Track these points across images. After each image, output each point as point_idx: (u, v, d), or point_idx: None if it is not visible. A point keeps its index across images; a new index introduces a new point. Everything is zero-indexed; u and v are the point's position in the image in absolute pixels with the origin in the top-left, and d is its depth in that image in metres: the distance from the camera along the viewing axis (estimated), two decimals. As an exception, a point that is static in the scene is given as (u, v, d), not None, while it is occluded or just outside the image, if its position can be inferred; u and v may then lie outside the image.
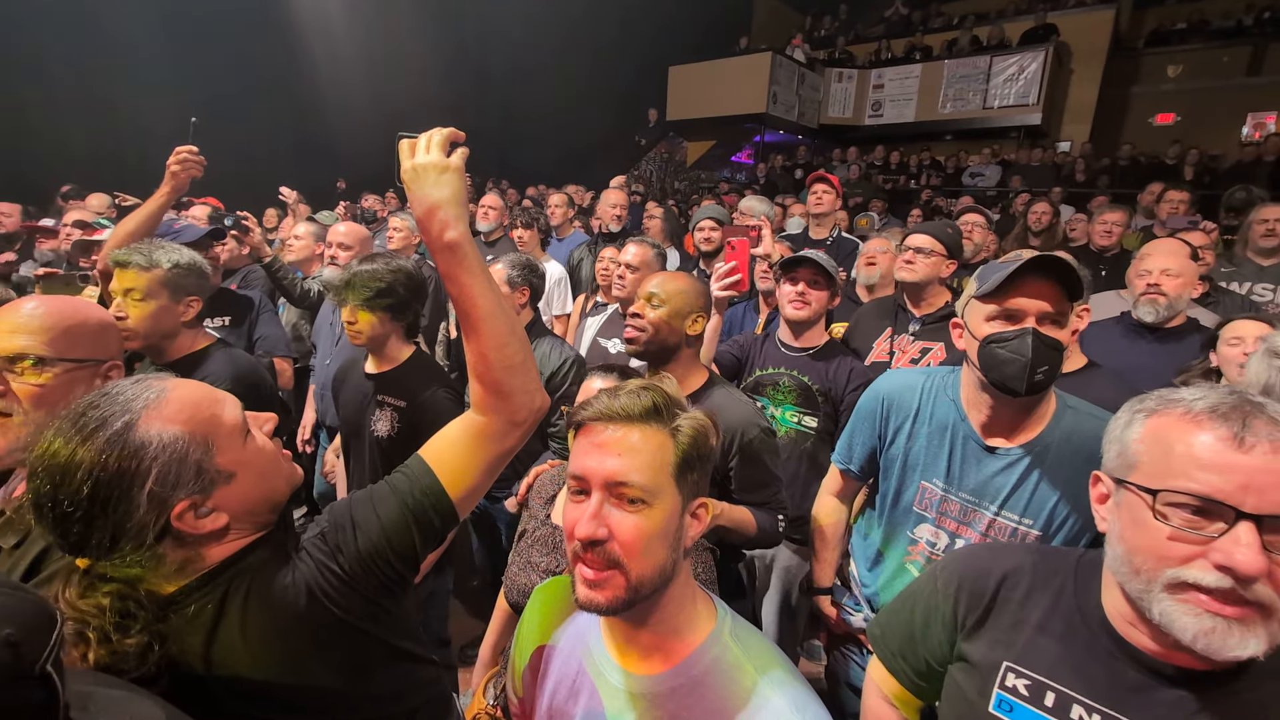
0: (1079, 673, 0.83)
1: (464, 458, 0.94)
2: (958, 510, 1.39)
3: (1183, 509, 0.72)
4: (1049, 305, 1.24)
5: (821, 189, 3.59)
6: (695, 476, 0.81)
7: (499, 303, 0.92)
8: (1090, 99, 11.19)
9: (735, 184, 10.96)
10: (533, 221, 3.69)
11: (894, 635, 1.05)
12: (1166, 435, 0.76)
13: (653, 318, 1.67)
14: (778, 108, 11.79)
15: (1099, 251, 3.74)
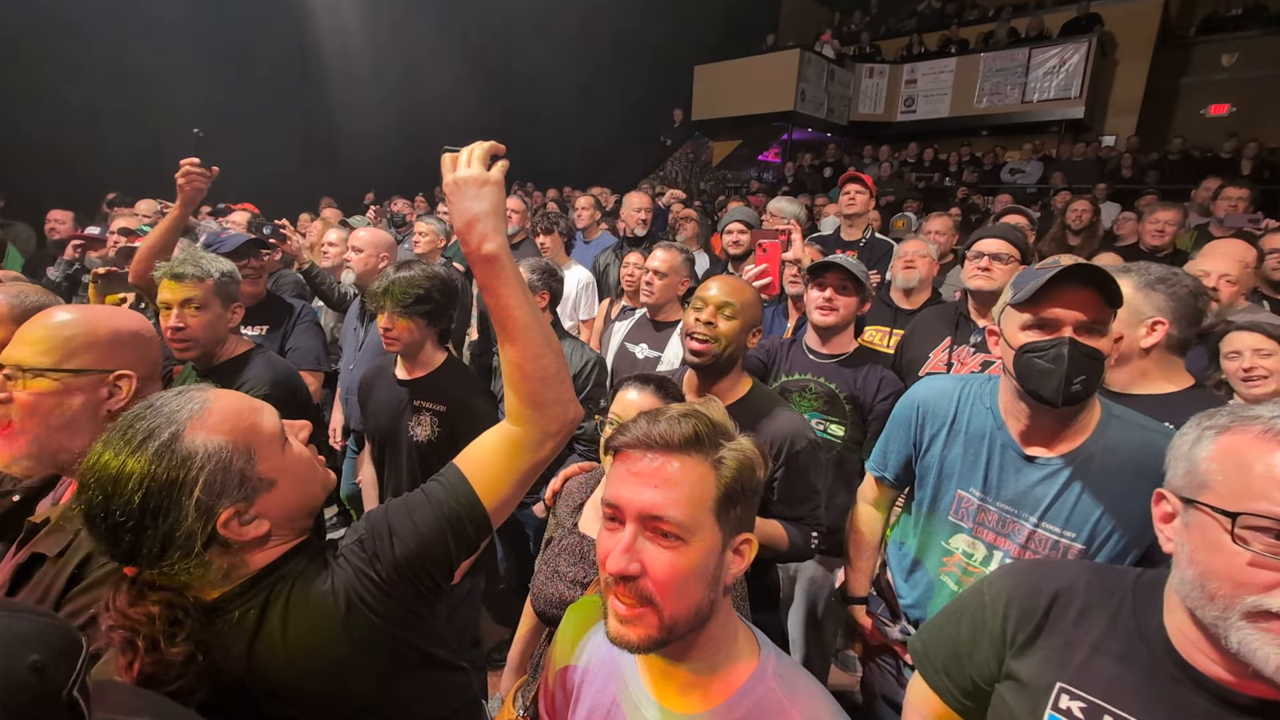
0: (1139, 697, 0.81)
1: (499, 467, 0.96)
2: (995, 521, 1.37)
3: (1265, 533, 0.69)
4: (1086, 314, 1.21)
5: (855, 189, 3.56)
6: (739, 511, 0.78)
7: (535, 314, 0.95)
8: (1137, 91, 10.84)
9: (763, 184, 10.90)
10: (553, 226, 3.68)
11: (938, 652, 1.03)
12: (1244, 454, 0.73)
13: (726, 329, 1.66)
14: (806, 105, 11.69)
15: (1150, 251, 3.62)
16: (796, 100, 11.48)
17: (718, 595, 0.77)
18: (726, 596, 0.81)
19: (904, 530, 1.59)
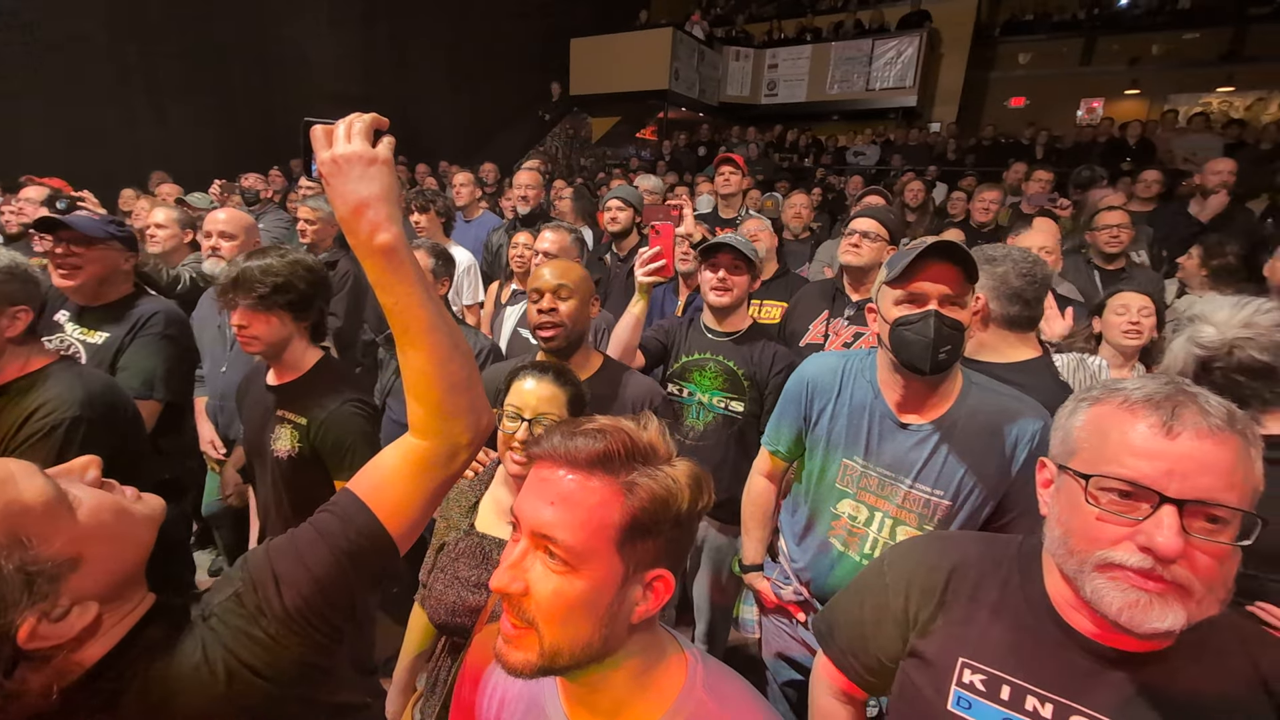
0: (1030, 662, 0.83)
1: (404, 489, 0.80)
2: (876, 484, 1.42)
3: (1113, 493, 0.73)
4: (949, 288, 1.27)
5: (728, 170, 3.59)
6: (651, 545, 0.67)
7: (441, 312, 0.79)
8: (957, 83, 11.91)
9: (642, 161, 10.84)
10: (429, 204, 3.31)
11: (843, 633, 1.03)
12: (1104, 423, 0.77)
13: (567, 310, 1.66)
14: (680, 85, 11.70)
15: (978, 227, 3.98)
16: (670, 79, 11.44)
17: (614, 633, 0.68)
18: (645, 633, 0.72)
19: (795, 499, 1.62)
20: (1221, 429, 0.70)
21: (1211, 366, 1.28)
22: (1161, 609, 0.69)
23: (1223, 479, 0.69)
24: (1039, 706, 0.80)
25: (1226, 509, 0.68)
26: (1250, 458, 0.71)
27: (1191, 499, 0.68)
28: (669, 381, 2.14)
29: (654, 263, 1.89)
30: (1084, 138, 8.28)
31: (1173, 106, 9.50)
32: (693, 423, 2.07)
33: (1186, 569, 0.69)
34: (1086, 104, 11.54)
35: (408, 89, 9.49)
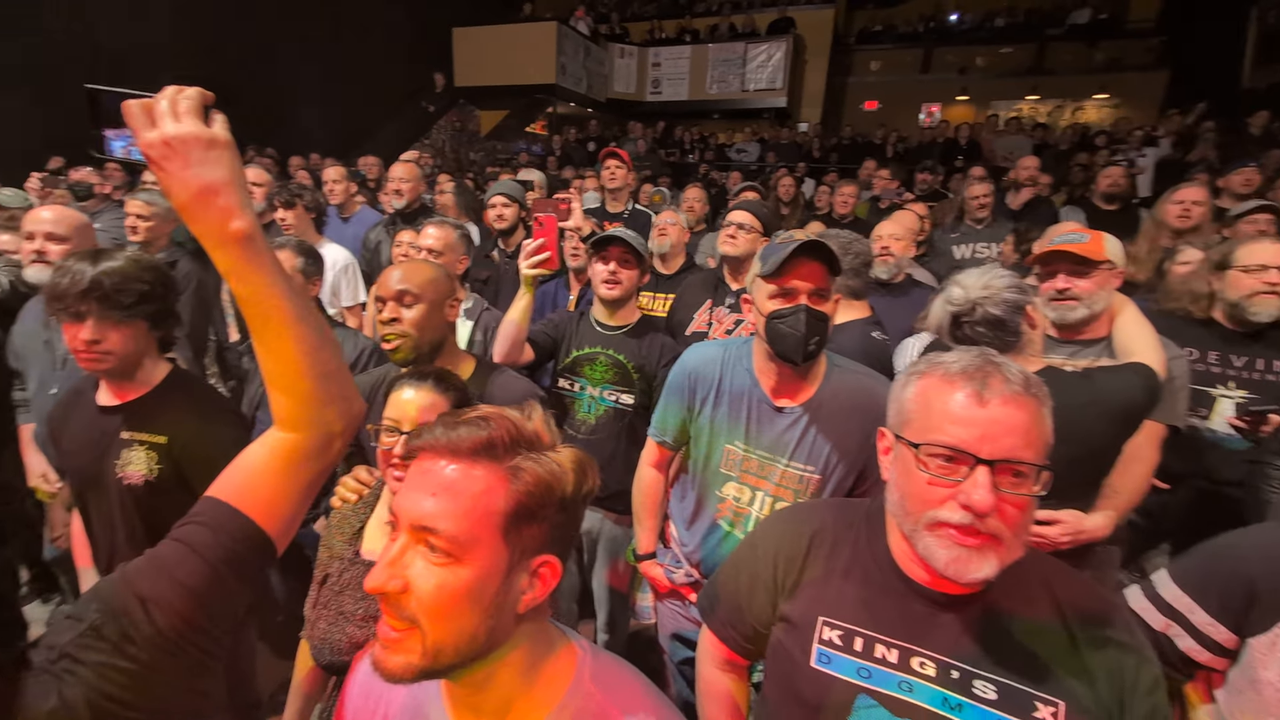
0: (878, 613, 0.87)
1: (276, 486, 0.73)
2: (756, 466, 1.47)
3: (938, 458, 0.78)
4: (816, 283, 1.33)
5: (614, 164, 3.57)
6: (537, 530, 0.65)
7: (305, 303, 0.73)
8: (820, 86, 12.65)
9: (532, 156, 10.58)
10: (295, 199, 2.97)
11: (722, 606, 1.05)
12: (929, 394, 0.82)
13: (413, 318, 1.49)
14: (567, 79, 11.51)
15: (839, 219, 4.25)
16: (558, 74, 11.23)
17: (501, 624, 0.65)
18: (533, 623, 0.70)
19: (683, 486, 1.64)
20: (1020, 394, 0.77)
21: (961, 321, 1.44)
22: (979, 560, 0.76)
23: (1023, 438, 0.76)
24: (886, 653, 0.85)
25: (1027, 464, 0.76)
26: (1043, 416, 0.79)
27: (1000, 458, 0.75)
28: (560, 376, 2.09)
29: (538, 255, 1.83)
30: (926, 138, 9.08)
31: (994, 112, 10.66)
32: (584, 417, 2.04)
33: (998, 520, 0.75)
34: (927, 108, 12.69)
35: (278, 78, 8.58)
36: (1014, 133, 8.47)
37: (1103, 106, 11.65)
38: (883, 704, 0.83)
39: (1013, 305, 1.42)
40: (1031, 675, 0.79)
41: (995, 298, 1.42)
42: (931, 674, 0.82)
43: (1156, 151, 6.85)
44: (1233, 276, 1.92)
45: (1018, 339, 1.44)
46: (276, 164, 6.67)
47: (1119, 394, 1.42)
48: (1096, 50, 11.80)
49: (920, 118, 12.43)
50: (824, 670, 0.87)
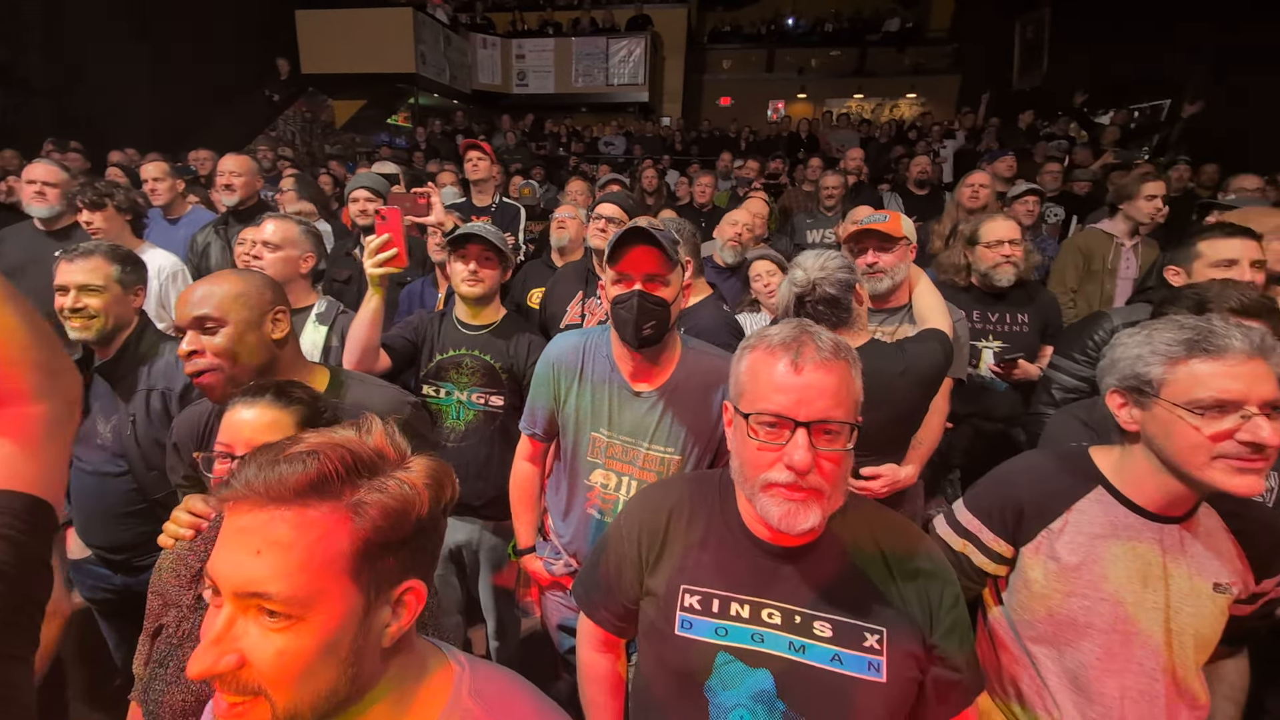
0: (731, 573, 0.91)
1: (41, 459, 0.71)
2: (620, 452, 1.47)
3: (765, 425, 0.83)
4: (649, 269, 1.32)
5: (475, 156, 3.39)
6: (393, 561, 0.58)
7: (5, 282, 0.71)
8: (679, 82, 12.97)
9: (396, 149, 9.85)
10: (103, 199, 2.52)
11: (595, 589, 1.05)
12: (756, 366, 0.86)
13: (218, 347, 1.20)
14: (428, 69, 10.79)
15: (699, 208, 4.40)
16: (418, 63, 10.48)
17: (366, 668, 0.58)
18: (403, 654, 0.63)
19: (557, 477, 1.62)
20: (830, 360, 0.83)
21: (804, 301, 1.55)
22: (806, 512, 0.81)
23: (833, 399, 0.81)
24: (739, 609, 0.89)
25: (837, 423, 0.81)
26: (852, 377, 0.85)
27: (814, 420, 0.80)
28: (424, 382, 1.95)
29: (384, 252, 1.68)
30: (774, 132, 9.67)
31: (828, 108, 11.59)
32: (453, 423, 1.92)
33: (818, 476, 0.81)
34: (773, 105, 13.50)
35: (96, 62, 7.19)
36: (844, 128, 9.25)
37: (913, 105, 13.07)
38: (739, 658, 0.87)
39: (845, 284, 1.54)
40: (859, 609, 0.87)
41: (830, 278, 1.53)
42: (778, 622, 0.87)
43: (954, 143, 7.82)
44: (980, 251, 2.24)
45: (850, 314, 1.57)
46: (85, 160, 5.63)
47: (926, 361, 1.59)
48: (905, 55, 13.17)
49: (768, 113, 13.19)
50: (686, 636, 0.90)
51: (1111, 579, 1.05)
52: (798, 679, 0.84)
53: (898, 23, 13.13)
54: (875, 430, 1.56)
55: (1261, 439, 0.89)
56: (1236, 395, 0.92)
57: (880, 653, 0.84)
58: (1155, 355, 1.00)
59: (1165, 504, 1.04)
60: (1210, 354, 0.94)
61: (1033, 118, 8.13)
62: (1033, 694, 1.13)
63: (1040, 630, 1.12)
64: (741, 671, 0.86)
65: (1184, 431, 0.95)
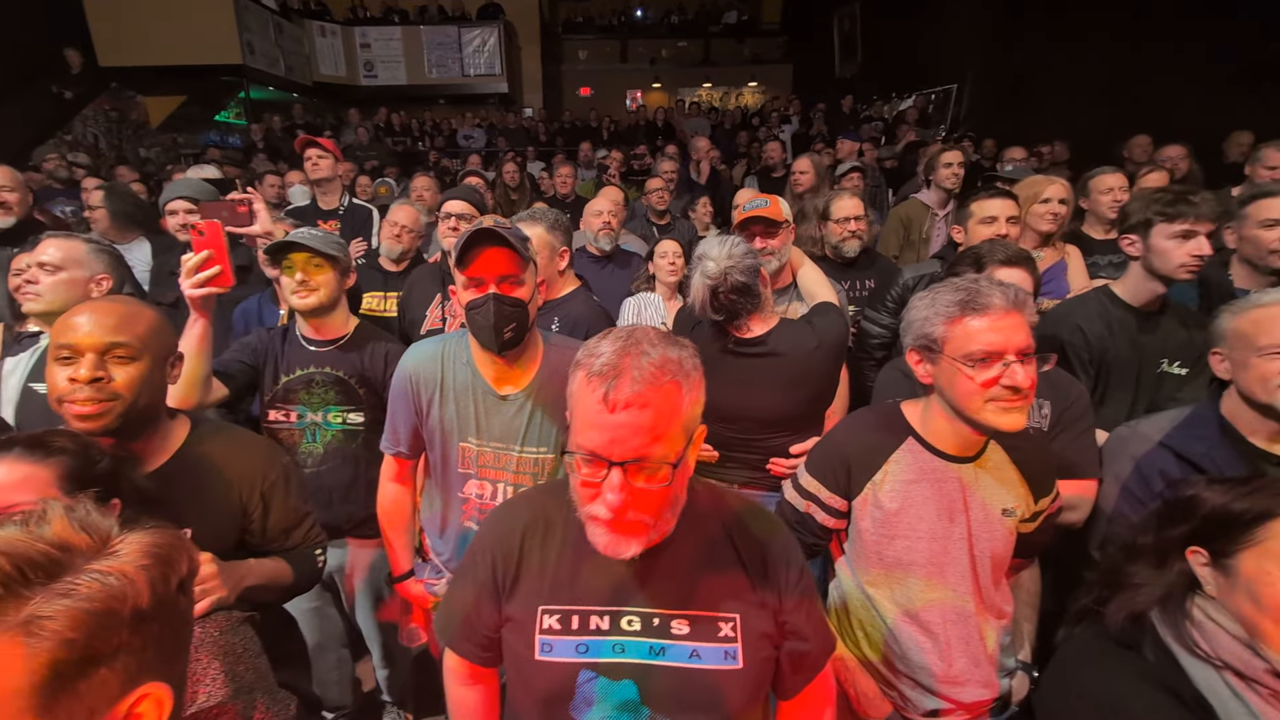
0: (589, 586, 0.86)
1: None
2: (492, 459, 1.39)
3: (585, 460, 0.77)
4: (503, 270, 1.24)
5: (316, 154, 3.02)
6: (107, 674, 0.46)
7: None
8: (537, 72, 12.53)
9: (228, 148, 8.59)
10: None
11: (454, 621, 0.96)
12: (578, 394, 0.78)
13: (127, 379, 1.03)
14: (258, 60, 9.45)
15: (562, 199, 4.29)
16: (244, 53, 9.13)
17: None
18: None
19: (429, 493, 1.50)
20: (645, 391, 0.73)
21: (717, 291, 1.54)
22: (628, 543, 0.78)
23: (649, 435, 0.74)
24: (599, 622, 0.85)
25: (656, 463, 0.75)
26: (681, 396, 0.76)
27: (629, 459, 0.74)
28: (270, 408, 1.72)
29: (205, 271, 1.43)
30: (633, 121, 9.67)
31: (681, 97, 11.81)
32: (309, 448, 1.72)
33: (637, 511, 0.76)
34: (631, 95, 13.53)
35: None
36: (696, 115, 9.49)
37: (755, 93, 13.73)
38: (601, 672, 0.83)
39: (753, 269, 1.54)
40: (712, 601, 0.85)
41: (739, 265, 1.52)
42: (638, 628, 0.84)
43: (790, 128, 8.33)
44: (831, 226, 2.40)
45: (759, 299, 1.59)
46: None
47: (832, 333, 1.63)
48: (745, 46, 13.77)
49: (627, 103, 13.20)
50: (547, 659, 0.84)
51: (926, 519, 1.16)
52: (660, 682, 0.82)
53: (735, 15, 13.64)
54: (797, 407, 1.64)
55: (1017, 383, 1.02)
56: (998, 346, 1.03)
57: (735, 640, 0.84)
58: (937, 316, 1.10)
59: (961, 446, 1.16)
60: (977, 312, 1.05)
61: (852, 102, 8.86)
62: (876, 633, 1.23)
63: (875, 574, 1.21)
64: (605, 686, 0.82)
65: (963, 381, 1.06)
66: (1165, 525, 0.91)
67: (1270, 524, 0.80)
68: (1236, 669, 0.80)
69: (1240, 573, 0.81)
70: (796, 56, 13.30)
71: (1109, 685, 0.86)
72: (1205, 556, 0.86)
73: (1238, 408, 1.27)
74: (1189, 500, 0.90)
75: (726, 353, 1.65)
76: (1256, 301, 1.25)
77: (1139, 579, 0.91)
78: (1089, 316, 1.74)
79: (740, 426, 1.65)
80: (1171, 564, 0.89)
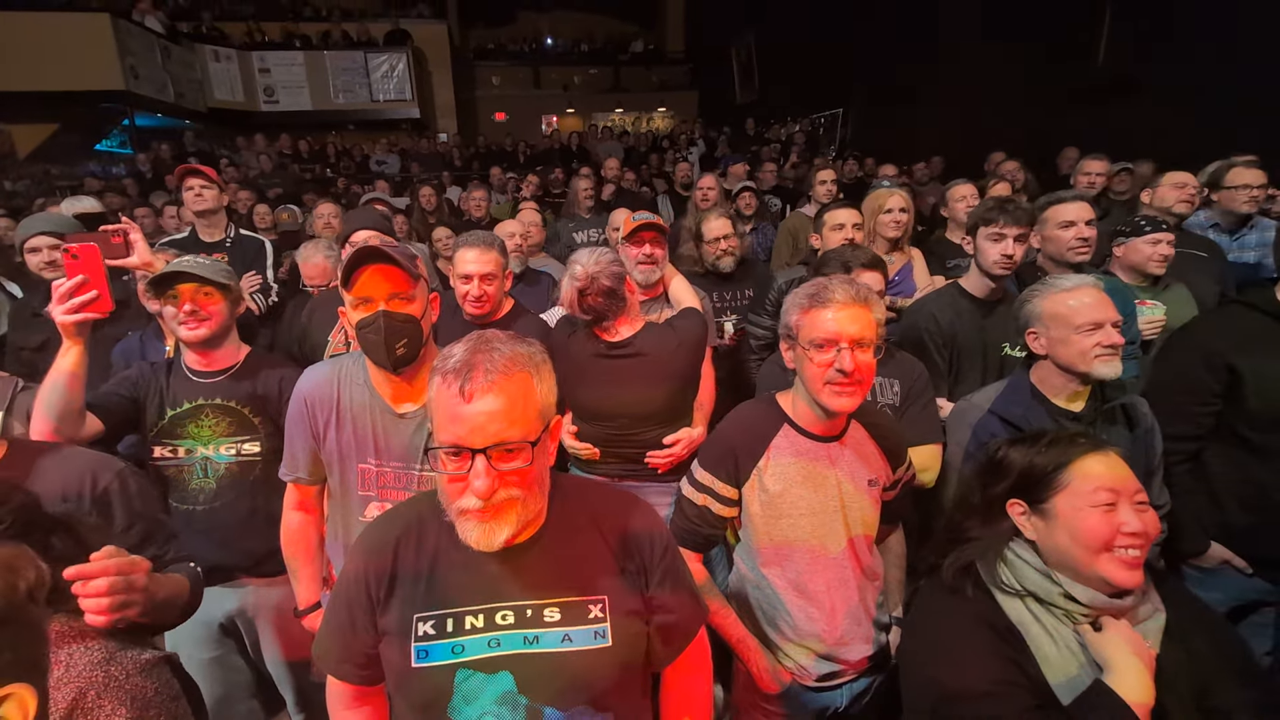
0: (463, 588, 0.85)
1: None
2: (393, 479, 1.34)
3: (449, 456, 0.78)
4: (394, 287, 1.22)
5: (199, 184, 2.79)
6: None
7: None
8: (450, 98, 12.32)
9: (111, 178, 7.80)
10: None
11: (333, 646, 0.92)
12: (437, 396, 0.79)
13: None
14: (143, 85, 8.68)
15: (476, 222, 4.24)
16: (127, 78, 8.36)
17: None
18: None
19: (333, 522, 1.43)
20: (499, 380, 0.76)
21: (584, 293, 1.64)
22: (498, 527, 0.79)
23: (506, 419, 0.76)
24: (474, 620, 0.84)
25: (515, 443, 0.77)
26: (533, 386, 0.80)
27: (490, 445, 0.76)
28: (155, 444, 1.59)
29: (80, 296, 1.31)
30: (548, 145, 9.70)
31: (594, 122, 12.00)
32: (201, 483, 1.60)
33: (507, 490, 0.78)
34: (545, 119, 13.58)
35: None
36: (609, 139, 9.67)
37: (664, 117, 14.19)
38: (478, 669, 0.82)
39: (618, 276, 1.66)
40: (581, 585, 0.87)
41: (605, 271, 1.63)
42: (512, 621, 0.84)
43: (698, 150, 8.67)
44: (704, 247, 2.54)
45: (624, 303, 1.70)
46: None
47: (692, 332, 1.76)
48: (653, 73, 14.22)
49: (542, 128, 13.24)
50: (423, 665, 0.83)
51: (805, 496, 1.25)
52: (535, 670, 0.82)
53: (642, 44, 14.09)
54: (665, 401, 1.74)
55: (845, 367, 1.13)
56: (833, 334, 1.15)
57: (604, 620, 0.86)
58: (795, 307, 1.21)
59: (825, 428, 1.26)
60: (822, 304, 1.16)
61: (754, 125, 9.37)
62: (771, 610, 1.30)
63: (766, 555, 1.29)
64: (482, 681, 0.82)
65: (808, 364, 1.17)
66: (988, 484, 1.03)
67: (1069, 468, 0.93)
68: (1037, 596, 0.93)
69: (1056, 514, 0.93)
70: (701, 83, 13.90)
71: (939, 626, 0.97)
72: (1023, 506, 0.97)
73: (1045, 375, 1.47)
74: (1001, 460, 1.02)
75: (599, 356, 1.74)
76: (1058, 286, 1.45)
77: (973, 533, 1.02)
78: (941, 307, 1.95)
79: (616, 424, 1.74)
80: (997, 517, 1.00)
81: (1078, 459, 0.93)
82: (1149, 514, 0.90)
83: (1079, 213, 1.96)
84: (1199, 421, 1.64)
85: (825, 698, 1.32)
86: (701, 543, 1.34)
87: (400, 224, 4.16)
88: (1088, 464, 0.92)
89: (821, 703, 1.33)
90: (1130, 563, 0.87)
